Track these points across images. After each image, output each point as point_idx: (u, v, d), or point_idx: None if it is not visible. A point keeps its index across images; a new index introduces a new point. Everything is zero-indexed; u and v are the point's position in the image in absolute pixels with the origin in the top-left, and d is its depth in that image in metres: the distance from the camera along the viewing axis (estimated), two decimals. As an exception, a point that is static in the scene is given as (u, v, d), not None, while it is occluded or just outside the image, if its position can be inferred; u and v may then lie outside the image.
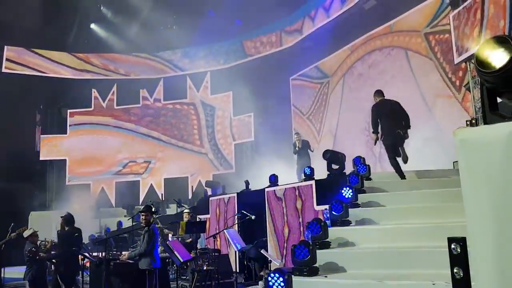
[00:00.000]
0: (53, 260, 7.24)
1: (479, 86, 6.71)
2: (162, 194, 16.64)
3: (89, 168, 17.26)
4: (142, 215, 6.31)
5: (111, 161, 17.51)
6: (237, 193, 10.36)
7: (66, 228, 7.02)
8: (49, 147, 17.43)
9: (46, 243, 7.55)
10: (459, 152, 1.91)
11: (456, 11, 8.39)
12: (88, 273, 7.98)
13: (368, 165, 6.70)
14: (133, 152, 17.59)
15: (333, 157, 7.64)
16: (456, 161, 5.16)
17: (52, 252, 7.40)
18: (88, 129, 17.69)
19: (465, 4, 8.13)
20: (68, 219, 7.06)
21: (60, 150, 17.45)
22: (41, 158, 17.30)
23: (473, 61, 7.81)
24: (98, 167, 17.31)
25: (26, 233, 7.32)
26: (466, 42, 7.95)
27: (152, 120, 17.79)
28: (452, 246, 2.31)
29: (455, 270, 2.25)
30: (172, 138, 17.57)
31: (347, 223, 5.39)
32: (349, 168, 7.51)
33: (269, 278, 4.20)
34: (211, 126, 17.33)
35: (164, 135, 17.63)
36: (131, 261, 6.21)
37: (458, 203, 4.67)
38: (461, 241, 2.26)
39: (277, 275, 4.15)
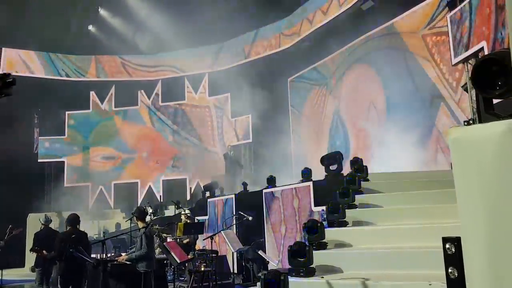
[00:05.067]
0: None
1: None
2: (160, 195, 16.63)
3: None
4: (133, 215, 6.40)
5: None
6: (235, 194, 10.37)
7: (68, 229, 6.99)
8: (50, 148, 17.41)
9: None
10: (452, 151, 1.90)
11: (453, 11, 8.41)
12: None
13: (366, 166, 6.69)
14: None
15: (330, 160, 7.65)
16: (453, 162, 5.16)
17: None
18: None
19: (456, 10, 8.18)
20: (69, 220, 7.03)
21: (59, 152, 17.45)
22: (39, 160, 17.27)
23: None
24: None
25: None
26: (463, 44, 7.97)
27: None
28: (447, 246, 2.31)
29: (449, 270, 2.24)
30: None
31: (344, 224, 5.38)
32: (346, 169, 7.52)
33: (266, 280, 4.18)
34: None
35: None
36: (128, 263, 6.19)
37: (455, 204, 4.67)
38: (456, 241, 2.26)
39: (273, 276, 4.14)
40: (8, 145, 15.32)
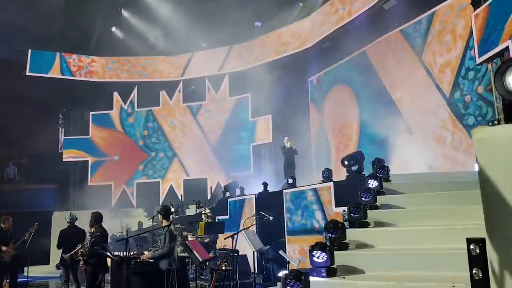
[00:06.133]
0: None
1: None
2: (181, 195, 16.79)
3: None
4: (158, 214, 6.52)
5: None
6: (255, 194, 10.41)
7: (96, 227, 7.18)
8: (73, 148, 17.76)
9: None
10: (477, 151, 1.89)
11: (478, 10, 8.27)
12: (110, 272, 8.12)
13: (387, 167, 6.65)
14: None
15: (351, 161, 7.63)
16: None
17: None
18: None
19: (480, 8, 8.07)
20: (94, 218, 7.22)
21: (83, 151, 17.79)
22: (64, 159, 17.63)
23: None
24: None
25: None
26: (487, 42, 7.84)
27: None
28: (471, 247, 2.30)
29: (474, 271, 2.23)
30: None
31: (366, 224, 5.35)
32: (368, 169, 7.47)
33: (287, 280, 4.20)
34: (235, 127, 17.32)
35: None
36: (151, 261, 6.29)
37: (479, 205, 4.60)
38: (480, 242, 2.25)
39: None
40: (34, 145, 15.74)
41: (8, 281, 8.61)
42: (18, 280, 8.99)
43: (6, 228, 8.67)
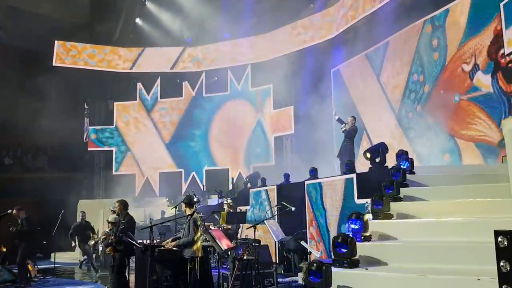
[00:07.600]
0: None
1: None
2: (203, 185, 16.96)
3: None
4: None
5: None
6: (277, 185, 10.43)
7: (123, 214, 7.37)
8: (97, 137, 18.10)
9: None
10: (507, 141, 1.88)
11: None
12: (134, 259, 8.29)
13: (411, 159, 6.58)
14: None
15: (373, 154, 7.58)
16: (505, 156, 5.00)
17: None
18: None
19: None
20: (123, 205, 7.43)
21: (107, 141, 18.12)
22: (89, 149, 17.99)
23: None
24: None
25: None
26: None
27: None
28: (499, 239, 2.28)
29: (501, 264, 2.22)
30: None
31: (389, 216, 5.32)
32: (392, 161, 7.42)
33: (309, 271, 4.21)
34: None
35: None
36: (175, 249, 6.39)
37: (506, 199, 4.53)
38: (509, 234, 2.23)
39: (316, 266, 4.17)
40: (60, 135, 16.10)
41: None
42: (44, 266, 9.30)
43: (15, 216, 9.29)
